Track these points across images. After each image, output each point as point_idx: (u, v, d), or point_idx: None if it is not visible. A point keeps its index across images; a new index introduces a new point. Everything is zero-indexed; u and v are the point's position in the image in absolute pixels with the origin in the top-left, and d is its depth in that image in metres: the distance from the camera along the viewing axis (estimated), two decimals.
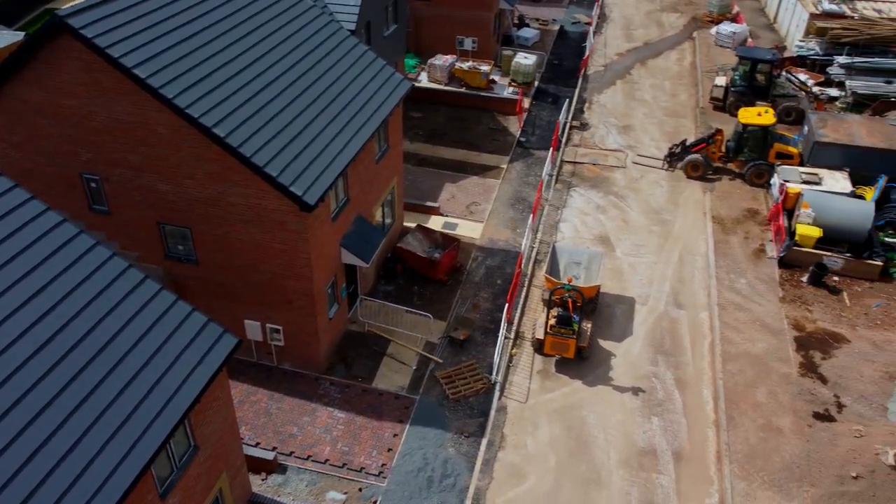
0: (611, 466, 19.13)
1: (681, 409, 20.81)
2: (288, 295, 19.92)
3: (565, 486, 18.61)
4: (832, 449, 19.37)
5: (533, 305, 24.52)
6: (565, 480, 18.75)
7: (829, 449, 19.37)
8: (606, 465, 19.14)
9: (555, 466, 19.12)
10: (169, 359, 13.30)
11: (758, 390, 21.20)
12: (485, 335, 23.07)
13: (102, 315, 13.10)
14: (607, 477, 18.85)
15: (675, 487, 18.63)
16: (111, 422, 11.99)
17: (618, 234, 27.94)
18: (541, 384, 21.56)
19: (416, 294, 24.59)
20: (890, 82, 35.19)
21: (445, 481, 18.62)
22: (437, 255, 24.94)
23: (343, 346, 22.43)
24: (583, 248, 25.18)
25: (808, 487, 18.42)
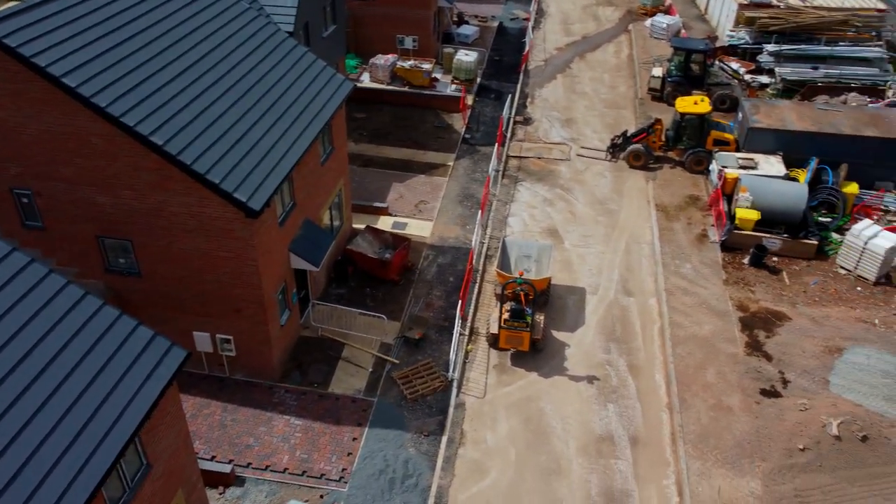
0: (570, 455, 19.37)
1: (635, 394, 21.22)
2: (237, 304, 19.52)
3: (526, 477, 18.77)
4: (780, 423, 20.05)
5: (486, 301, 24.63)
6: (526, 472, 18.90)
7: (776, 424, 20.04)
8: (566, 454, 19.38)
9: (515, 459, 19.26)
10: (115, 376, 12.85)
11: (707, 371, 21.79)
12: (440, 333, 23.07)
13: (41, 335, 12.56)
14: (567, 466, 19.09)
15: (634, 471, 18.99)
16: (57, 445, 11.52)
17: (566, 226, 28.30)
18: (498, 378, 21.68)
19: (368, 296, 24.42)
20: (816, 68, 36.60)
21: (407, 482, 18.55)
22: (387, 256, 24.82)
23: (297, 352, 22.11)
24: (532, 242, 25.42)
25: (759, 462, 19.03)
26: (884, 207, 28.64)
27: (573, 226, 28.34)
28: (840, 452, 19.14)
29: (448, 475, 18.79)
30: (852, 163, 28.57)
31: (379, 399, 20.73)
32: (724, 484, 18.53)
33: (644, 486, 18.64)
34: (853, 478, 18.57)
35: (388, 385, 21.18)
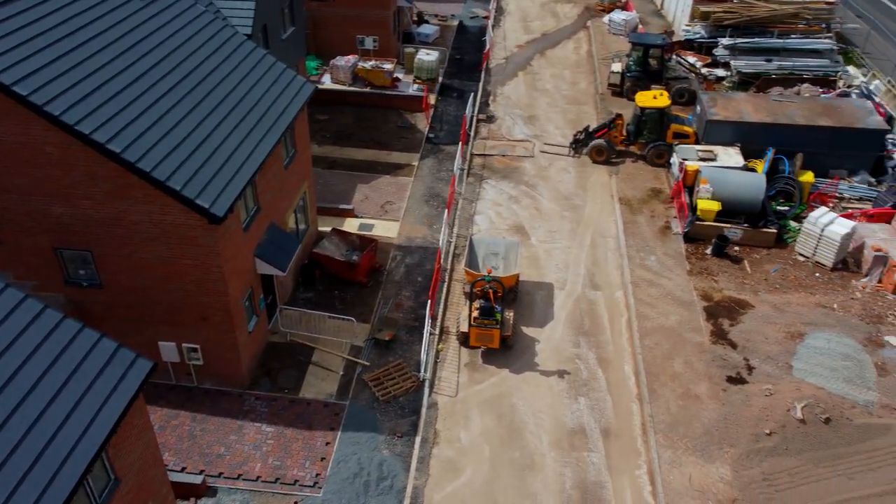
0: (543, 450, 19.50)
1: (605, 386, 21.45)
2: (203, 312, 19.21)
3: (501, 474, 18.84)
4: (746, 409, 20.46)
5: (455, 300, 24.66)
6: (501, 469, 18.98)
7: (743, 410, 20.45)
8: (539, 449, 19.50)
9: (489, 456, 19.32)
10: (80, 390, 12.54)
11: (675, 361, 22.13)
12: (410, 333, 23.02)
13: (0, 352, 12.21)
14: (541, 461, 19.21)
15: (606, 463, 19.20)
16: (21, 463, 11.20)
17: (532, 223, 28.48)
18: (469, 376, 21.72)
19: (337, 298, 24.26)
20: (770, 60, 37.42)
21: (382, 484, 18.48)
22: (355, 258, 24.68)
23: (266, 358, 21.85)
24: (499, 239, 25.52)
25: (728, 448, 19.39)
26: (839, 195, 29.43)
27: (539, 222, 28.53)
28: (805, 435, 19.61)
29: (423, 475, 18.76)
30: (807, 152, 29.29)
31: (351, 402, 20.61)
32: (695, 471, 18.85)
33: (617, 477, 18.86)
34: (818, 459, 19.05)
35: (359, 388, 21.08)
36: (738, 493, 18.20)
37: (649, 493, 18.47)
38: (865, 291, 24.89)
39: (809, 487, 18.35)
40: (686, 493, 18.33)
